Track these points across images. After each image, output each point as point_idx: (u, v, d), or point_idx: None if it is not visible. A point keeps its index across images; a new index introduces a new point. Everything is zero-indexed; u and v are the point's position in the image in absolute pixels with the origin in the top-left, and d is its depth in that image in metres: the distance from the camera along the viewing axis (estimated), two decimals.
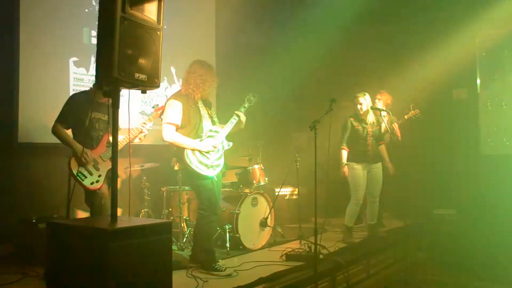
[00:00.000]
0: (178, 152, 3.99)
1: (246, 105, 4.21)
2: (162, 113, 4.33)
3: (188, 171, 3.96)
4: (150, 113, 4.45)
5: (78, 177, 3.71)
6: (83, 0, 5.16)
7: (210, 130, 4.05)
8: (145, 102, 5.79)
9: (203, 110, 4.08)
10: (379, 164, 5.33)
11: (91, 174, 3.78)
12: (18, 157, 4.62)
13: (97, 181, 3.80)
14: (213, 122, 4.14)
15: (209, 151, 3.97)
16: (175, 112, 3.92)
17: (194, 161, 3.92)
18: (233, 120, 4.12)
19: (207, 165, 3.97)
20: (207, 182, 3.98)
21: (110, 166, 3.64)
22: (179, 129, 3.94)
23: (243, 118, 4.14)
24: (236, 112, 4.14)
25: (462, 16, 6.66)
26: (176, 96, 4.03)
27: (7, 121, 4.57)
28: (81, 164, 3.74)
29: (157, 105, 4.39)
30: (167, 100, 4.04)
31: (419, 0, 6.97)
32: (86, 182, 3.75)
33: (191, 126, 3.95)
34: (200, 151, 3.94)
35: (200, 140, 3.96)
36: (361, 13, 6.80)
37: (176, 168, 4.13)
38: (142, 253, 2.45)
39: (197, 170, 3.92)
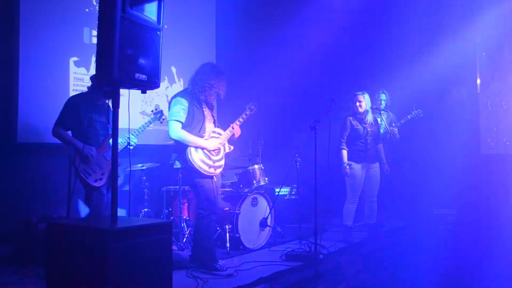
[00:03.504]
0: (179, 148, 3.96)
1: (248, 113, 4.24)
2: (160, 116, 4.37)
3: (189, 168, 3.95)
4: (152, 116, 4.49)
5: (82, 174, 3.74)
6: (83, 0, 5.16)
7: (214, 132, 4.07)
8: (146, 102, 5.79)
9: (207, 111, 4.09)
10: (377, 164, 5.34)
11: (94, 171, 3.83)
12: (18, 157, 4.62)
13: (100, 179, 3.86)
14: (216, 124, 4.17)
15: (214, 149, 3.99)
16: (180, 109, 3.90)
17: (196, 159, 3.91)
18: (231, 129, 4.16)
19: (209, 165, 3.97)
20: (206, 181, 3.98)
21: None
22: (182, 127, 3.93)
23: (237, 131, 4.18)
24: (232, 124, 4.18)
25: (462, 16, 6.66)
26: (182, 94, 4.04)
27: (7, 121, 4.57)
28: (85, 161, 3.77)
29: (156, 109, 4.44)
30: (173, 98, 4.02)
31: (420, 0, 6.96)
32: (90, 180, 3.79)
33: (193, 126, 3.95)
34: (203, 150, 3.95)
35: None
36: (361, 13, 6.80)
37: (176, 166, 4.07)
38: (142, 253, 2.45)
39: (199, 168, 3.91)
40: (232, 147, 4.22)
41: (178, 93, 4.11)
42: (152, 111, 4.56)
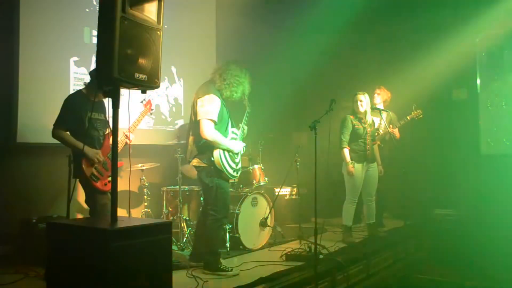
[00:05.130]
0: (205, 148, 3.87)
1: (249, 111, 4.25)
2: (150, 108, 4.34)
3: (214, 169, 3.88)
4: (140, 112, 4.38)
5: (91, 179, 3.70)
6: (83, 0, 5.16)
7: (233, 132, 4.07)
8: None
9: (228, 110, 4.05)
10: (375, 164, 5.36)
11: (101, 175, 3.76)
12: (18, 157, 4.62)
13: (109, 182, 3.74)
14: (233, 124, 4.14)
15: (239, 152, 4.02)
16: (216, 108, 3.82)
17: (224, 161, 3.89)
18: (242, 129, 4.19)
19: (233, 168, 3.98)
20: (227, 185, 3.99)
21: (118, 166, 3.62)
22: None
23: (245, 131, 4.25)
24: (242, 125, 4.20)
25: (462, 16, 6.67)
26: (214, 91, 3.90)
27: (7, 121, 4.57)
28: (93, 164, 3.72)
29: (145, 100, 4.34)
30: (204, 94, 3.86)
31: (420, 0, 6.97)
32: (99, 184, 3.73)
33: (220, 125, 3.88)
34: (229, 153, 3.94)
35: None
36: (361, 13, 6.80)
37: (193, 164, 3.97)
38: (142, 253, 2.45)
39: (225, 171, 3.89)
40: (245, 148, 4.23)
41: (209, 88, 3.92)
42: (141, 102, 4.40)
